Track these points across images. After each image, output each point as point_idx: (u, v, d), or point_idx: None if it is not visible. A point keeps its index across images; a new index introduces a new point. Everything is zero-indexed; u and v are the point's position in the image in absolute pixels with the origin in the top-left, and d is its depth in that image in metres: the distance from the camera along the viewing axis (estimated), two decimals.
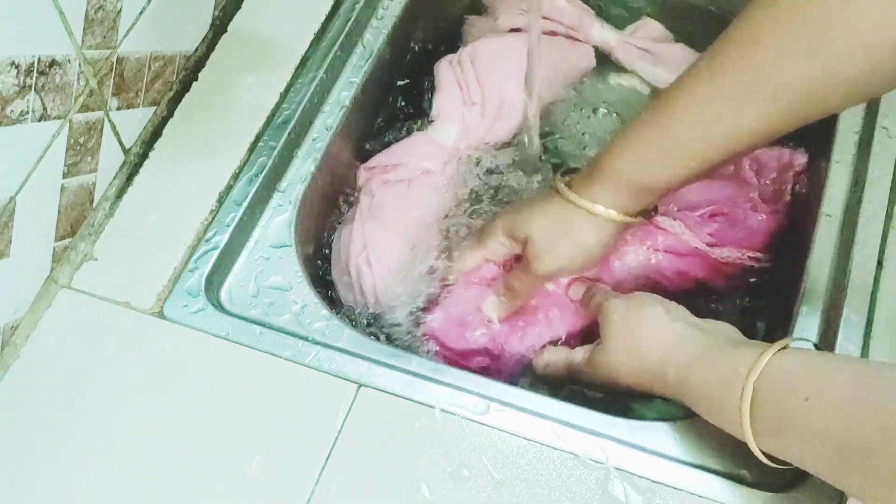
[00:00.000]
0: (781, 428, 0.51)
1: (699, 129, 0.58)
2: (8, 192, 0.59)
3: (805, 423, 0.49)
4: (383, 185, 0.78)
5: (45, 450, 0.60)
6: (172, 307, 0.65)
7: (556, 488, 0.58)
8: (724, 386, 0.54)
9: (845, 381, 0.48)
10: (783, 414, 0.50)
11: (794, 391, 0.50)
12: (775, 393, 0.51)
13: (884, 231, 0.67)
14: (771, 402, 0.51)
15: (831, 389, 0.49)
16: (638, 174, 0.61)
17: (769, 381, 0.51)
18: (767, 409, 0.51)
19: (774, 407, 0.51)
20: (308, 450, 0.59)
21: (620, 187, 0.62)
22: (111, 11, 0.64)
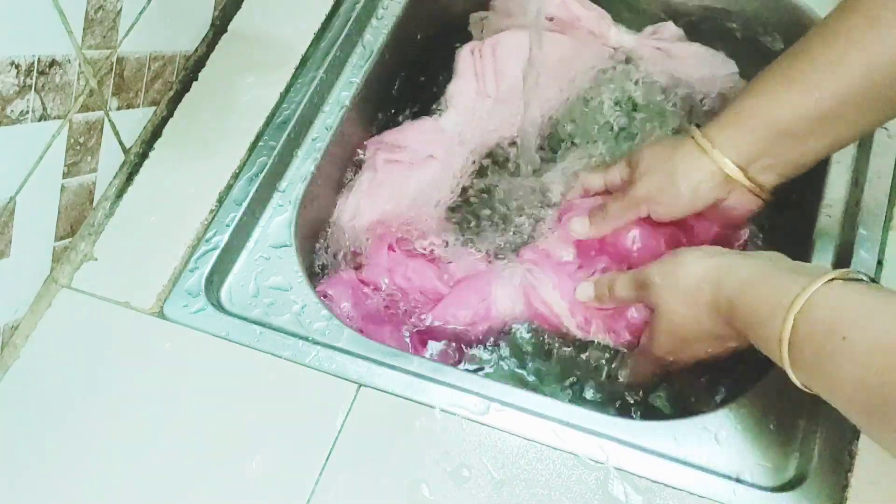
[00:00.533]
0: (818, 366, 0.50)
1: (829, 58, 0.58)
2: (8, 192, 0.59)
3: (840, 364, 0.48)
4: (386, 164, 0.79)
5: (46, 450, 0.60)
6: (172, 307, 0.65)
7: (556, 488, 0.58)
8: (767, 316, 0.53)
9: (884, 323, 0.47)
10: (820, 352, 0.50)
11: (833, 329, 0.49)
12: (815, 329, 0.50)
13: (884, 231, 0.67)
14: (809, 338, 0.50)
15: (868, 330, 0.48)
16: (760, 107, 0.61)
17: (810, 316, 0.51)
18: (806, 345, 0.51)
19: (812, 344, 0.50)
20: (308, 450, 0.59)
21: (741, 126, 0.62)
22: (111, 11, 0.64)
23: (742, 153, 0.63)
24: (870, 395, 0.47)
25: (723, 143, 0.63)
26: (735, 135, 0.63)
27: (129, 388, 0.62)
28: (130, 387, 0.62)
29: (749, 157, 0.63)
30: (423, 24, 0.88)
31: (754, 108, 0.62)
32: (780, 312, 0.52)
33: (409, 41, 0.86)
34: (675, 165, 0.65)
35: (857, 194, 0.69)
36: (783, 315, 0.52)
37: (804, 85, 0.60)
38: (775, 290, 0.54)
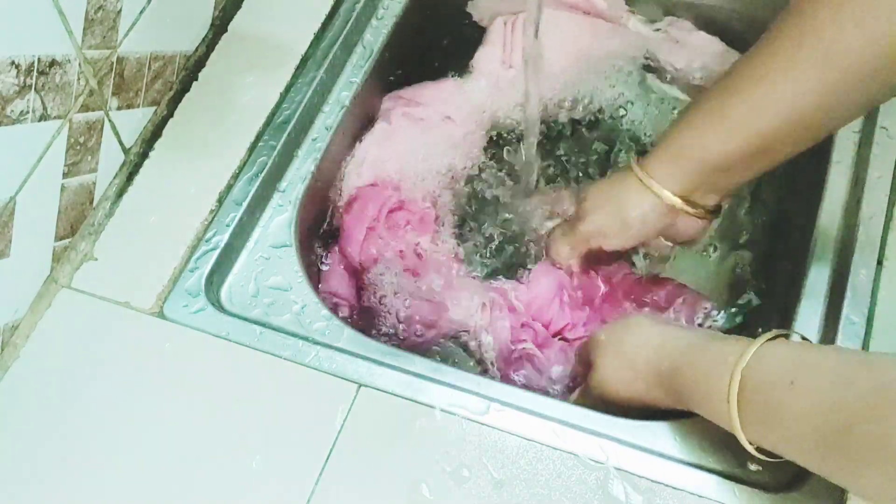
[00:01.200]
0: (768, 415, 0.51)
1: (754, 98, 0.59)
2: (8, 192, 0.59)
3: (789, 407, 0.49)
4: (402, 118, 0.80)
5: (46, 450, 0.60)
6: (172, 307, 0.65)
7: (556, 488, 0.58)
8: (712, 376, 0.54)
9: (830, 365, 0.49)
10: (769, 400, 0.50)
11: (780, 378, 0.50)
12: (762, 380, 0.51)
13: (884, 231, 0.67)
14: (758, 391, 0.51)
15: (816, 372, 0.49)
16: (692, 145, 0.63)
17: (756, 370, 0.52)
18: (755, 398, 0.51)
19: (761, 395, 0.51)
20: (308, 450, 0.59)
21: (676, 161, 0.64)
22: (111, 11, 0.64)
23: (679, 185, 0.66)
24: (823, 433, 0.47)
25: (661, 177, 0.66)
26: (671, 169, 0.65)
27: (129, 388, 0.62)
28: (130, 387, 0.62)
29: (686, 188, 0.66)
30: (424, 24, 0.88)
31: (686, 144, 0.64)
32: (726, 371, 0.53)
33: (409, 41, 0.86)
34: (620, 200, 0.68)
35: (857, 194, 0.69)
36: (729, 372, 0.52)
37: (732, 123, 0.61)
38: (719, 352, 0.55)
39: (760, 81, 0.59)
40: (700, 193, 0.66)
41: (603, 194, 0.70)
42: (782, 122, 0.59)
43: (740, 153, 0.62)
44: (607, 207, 0.69)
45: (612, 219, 0.69)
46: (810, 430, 0.48)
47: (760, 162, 0.63)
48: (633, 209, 0.67)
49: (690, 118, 0.64)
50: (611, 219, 0.69)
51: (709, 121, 0.62)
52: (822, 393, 0.48)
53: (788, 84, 0.57)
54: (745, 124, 0.60)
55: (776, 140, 0.60)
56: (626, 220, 0.68)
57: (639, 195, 0.67)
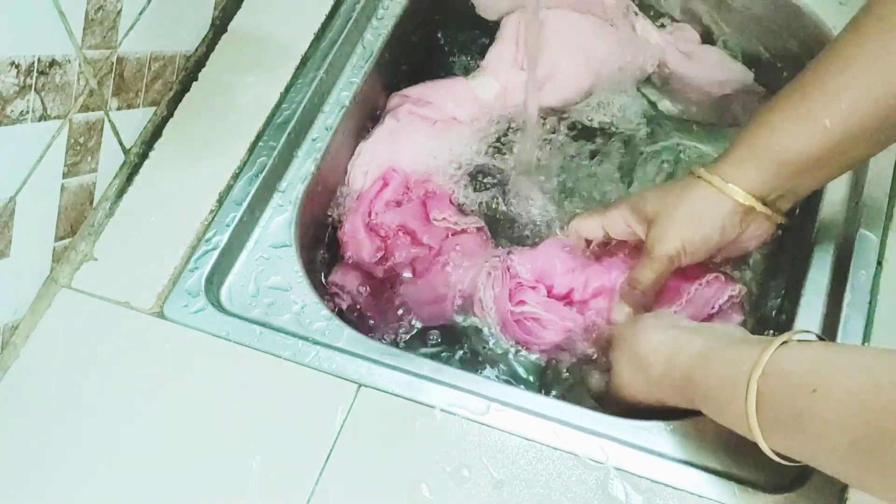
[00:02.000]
0: (791, 424, 0.49)
1: (839, 91, 0.58)
2: (8, 192, 0.59)
3: (816, 416, 0.47)
4: (410, 115, 0.80)
5: (46, 450, 0.60)
6: (172, 307, 0.65)
7: (556, 488, 0.58)
8: (727, 385, 0.53)
9: (856, 370, 0.47)
10: (791, 409, 0.49)
11: (801, 384, 0.48)
12: (781, 388, 0.49)
13: (884, 231, 0.67)
14: (777, 399, 0.50)
15: (841, 379, 0.47)
16: (770, 145, 0.61)
17: (774, 377, 0.50)
18: (775, 407, 0.50)
19: (781, 403, 0.49)
20: (308, 450, 0.59)
21: (753, 163, 0.62)
22: (111, 11, 0.64)
23: (758, 187, 0.63)
24: (854, 438, 0.45)
25: (739, 179, 0.63)
26: (751, 172, 0.63)
27: (129, 388, 0.62)
28: (130, 387, 0.62)
29: (765, 190, 0.63)
30: (424, 24, 0.88)
31: (763, 145, 0.62)
32: (742, 380, 0.51)
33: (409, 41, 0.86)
34: (696, 210, 0.65)
35: (857, 194, 0.69)
36: (745, 382, 0.51)
37: (813, 119, 0.59)
38: (732, 361, 0.53)
39: (843, 73, 0.57)
40: (776, 195, 0.64)
41: (672, 206, 0.66)
42: (865, 115, 0.57)
43: (820, 151, 0.59)
44: (682, 220, 0.65)
45: (691, 231, 0.65)
46: (841, 437, 0.46)
47: (839, 162, 0.61)
48: (711, 218, 0.64)
49: (767, 117, 0.62)
50: (689, 231, 0.65)
51: (788, 118, 0.60)
52: (850, 396, 0.46)
53: (875, 75, 0.56)
54: (827, 119, 0.58)
55: (858, 136, 0.58)
56: (705, 232, 0.65)
57: (717, 202, 0.64)
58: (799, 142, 0.60)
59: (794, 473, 0.58)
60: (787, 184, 0.63)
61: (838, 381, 0.47)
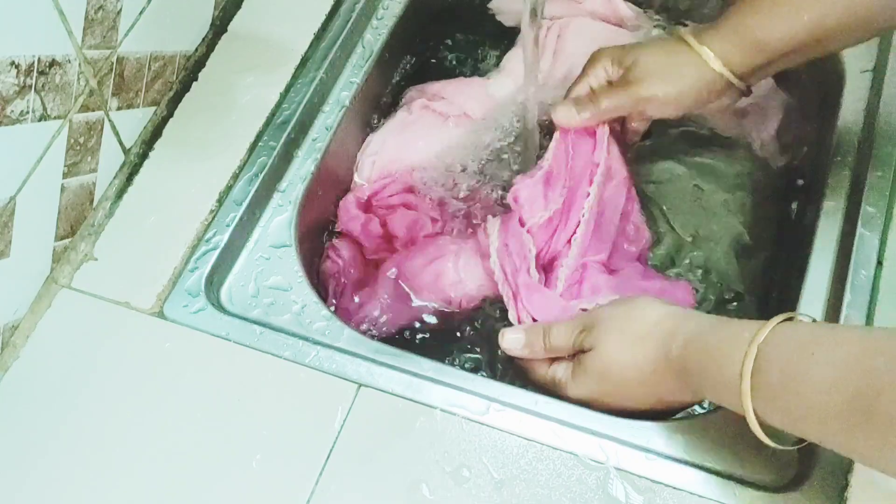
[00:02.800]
0: (785, 388, 0.49)
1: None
2: (8, 192, 0.59)
3: (810, 377, 0.48)
4: (422, 110, 0.80)
5: (46, 450, 0.60)
6: (172, 307, 0.65)
7: (556, 488, 0.58)
8: (725, 352, 0.53)
9: (855, 337, 0.48)
10: (788, 372, 0.49)
11: (800, 348, 0.49)
12: (780, 353, 0.50)
13: (884, 231, 0.67)
14: (774, 362, 0.50)
15: (840, 343, 0.48)
16: (757, 26, 0.65)
17: (774, 344, 0.51)
18: (771, 371, 0.50)
19: (778, 367, 0.50)
20: (308, 450, 0.59)
21: (732, 37, 0.67)
22: (111, 11, 0.64)
23: (737, 63, 0.67)
24: (849, 399, 0.46)
25: (723, 54, 0.67)
26: (732, 47, 0.67)
27: (129, 388, 0.62)
28: (130, 387, 0.62)
29: (743, 66, 0.67)
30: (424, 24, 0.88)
31: (750, 25, 0.66)
32: (741, 346, 0.52)
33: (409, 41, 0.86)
34: (681, 71, 0.68)
35: (858, 194, 0.69)
36: (744, 348, 0.51)
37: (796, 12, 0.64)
38: (733, 329, 0.54)
39: None
40: (747, 73, 0.68)
41: (659, 63, 0.69)
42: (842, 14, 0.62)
43: (802, 38, 0.64)
44: (666, 76, 0.69)
45: (671, 87, 0.68)
46: (833, 400, 0.46)
47: (813, 51, 0.65)
48: (694, 82, 0.68)
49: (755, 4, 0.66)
50: (670, 87, 0.69)
51: (774, 6, 0.64)
52: (847, 360, 0.47)
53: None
54: (813, 10, 0.63)
55: (838, 29, 0.63)
56: (684, 92, 0.68)
57: (700, 68, 0.67)
58: (780, 29, 0.65)
59: (793, 473, 0.58)
60: (763, 63, 0.67)
61: (837, 346, 0.48)
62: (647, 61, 0.69)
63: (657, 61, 0.69)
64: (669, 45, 0.70)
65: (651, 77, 0.69)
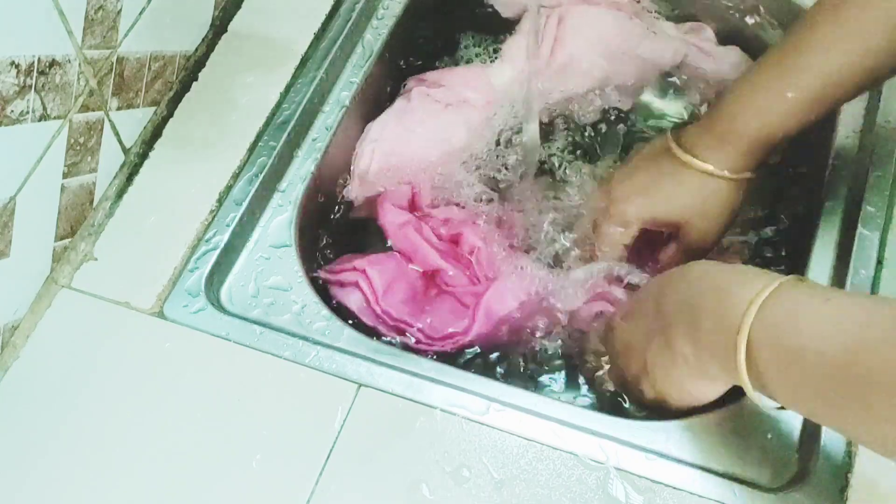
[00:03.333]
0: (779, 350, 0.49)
1: (824, 69, 0.59)
2: (8, 192, 0.59)
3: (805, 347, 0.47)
4: (422, 97, 0.80)
5: (46, 449, 0.60)
6: (172, 307, 0.65)
7: (556, 488, 0.58)
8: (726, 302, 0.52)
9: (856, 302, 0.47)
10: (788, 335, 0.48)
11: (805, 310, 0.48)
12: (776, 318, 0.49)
13: (884, 231, 0.67)
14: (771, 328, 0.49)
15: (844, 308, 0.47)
16: (754, 126, 0.62)
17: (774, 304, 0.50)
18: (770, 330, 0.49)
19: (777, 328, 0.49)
20: (308, 450, 0.59)
21: (735, 143, 0.63)
22: (111, 11, 0.64)
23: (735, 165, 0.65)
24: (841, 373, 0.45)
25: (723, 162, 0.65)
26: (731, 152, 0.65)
27: (129, 388, 0.62)
28: (130, 387, 0.62)
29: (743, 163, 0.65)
30: (424, 24, 0.88)
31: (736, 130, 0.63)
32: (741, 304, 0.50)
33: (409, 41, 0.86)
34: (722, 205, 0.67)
35: (858, 194, 0.69)
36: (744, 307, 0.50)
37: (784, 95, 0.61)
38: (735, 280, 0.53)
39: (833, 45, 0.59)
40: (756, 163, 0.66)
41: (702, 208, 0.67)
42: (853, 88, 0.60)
43: (802, 126, 0.62)
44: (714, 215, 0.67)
45: (723, 220, 0.67)
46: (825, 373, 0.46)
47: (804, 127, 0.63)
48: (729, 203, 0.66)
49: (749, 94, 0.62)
50: (722, 221, 0.67)
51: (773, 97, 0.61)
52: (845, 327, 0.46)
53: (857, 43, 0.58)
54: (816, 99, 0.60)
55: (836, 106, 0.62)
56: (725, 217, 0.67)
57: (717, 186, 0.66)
58: (782, 122, 0.62)
59: (793, 473, 0.58)
60: (766, 156, 0.65)
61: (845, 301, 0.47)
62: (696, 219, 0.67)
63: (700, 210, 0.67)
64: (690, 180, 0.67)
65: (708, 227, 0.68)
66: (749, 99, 0.63)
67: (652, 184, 0.69)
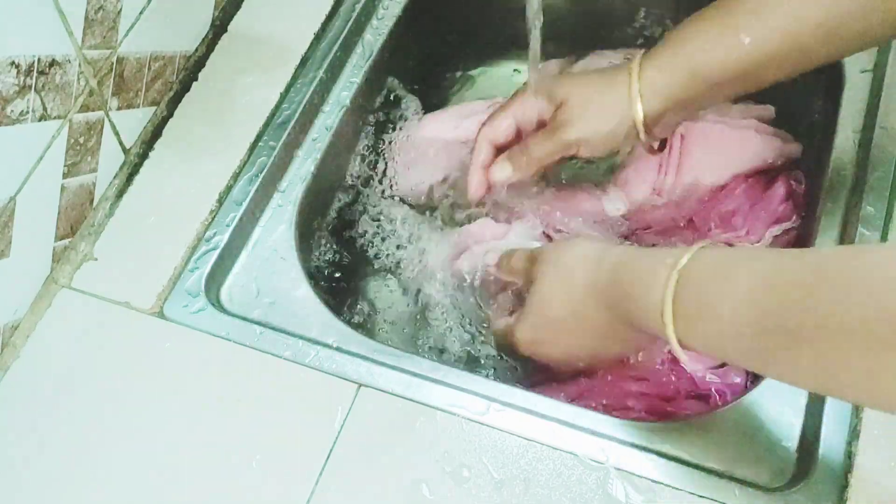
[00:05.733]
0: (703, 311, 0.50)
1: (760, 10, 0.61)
2: (8, 192, 0.59)
3: (726, 299, 0.49)
4: None
5: (46, 449, 0.60)
6: (172, 307, 0.65)
7: (556, 488, 0.58)
8: (649, 279, 0.54)
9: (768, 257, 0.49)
10: (705, 295, 0.51)
11: (718, 269, 0.51)
12: (699, 275, 0.51)
13: (884, 231, 0.67)
14: (693, 287, 0.51)
15: (753, 270, 0.49)
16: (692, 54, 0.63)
17: (693, 268, 0.52)
18: (689, 296, 0.51)
19: (696, 290, 0.51)
20: (308, 450, 0.59)
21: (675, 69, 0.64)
22: (111, 11, 0.64)
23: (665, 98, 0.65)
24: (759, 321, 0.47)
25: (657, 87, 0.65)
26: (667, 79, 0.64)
27: (129, 388, 0.62)
28: (130, 387, 0.62)
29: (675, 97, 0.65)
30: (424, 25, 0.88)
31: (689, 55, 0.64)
32: (664, 270, 0.53)
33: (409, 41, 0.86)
34: (608, 112, 0.66)
35: (858, 194, 0.69)
36: (667, 272, 0.52)
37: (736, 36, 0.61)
38: (656, 257, 0.55)
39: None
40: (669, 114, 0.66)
41: (586, 102, 0.67)
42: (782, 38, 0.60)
43: (735, 68, 0.62)
44: (596, 118, 0.66)
45: (599, 130, 0.66)
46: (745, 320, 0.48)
47: (747, 83, 0.64)
48: (616, 125, 0.66)
49: (694, 28, 0.64)
50: (598, 130, 0.66)
51: (713, 31, 0.62)
52: (757, 280, 0.48)
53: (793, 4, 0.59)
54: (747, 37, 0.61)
55: (772, 58, 0.61)
56: (609, 134, 0.66)
57: (628, 112, 0.65)
58: (718, 56, 0.62)
59: (793, 473, 0.58)
60: (696, 95, 0.65)
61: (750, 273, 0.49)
62: (575, 101, 0.67)
63: (586, 100, 0.67)
64: (607, 77, 0.67)
65: (577, 120, 0.67)
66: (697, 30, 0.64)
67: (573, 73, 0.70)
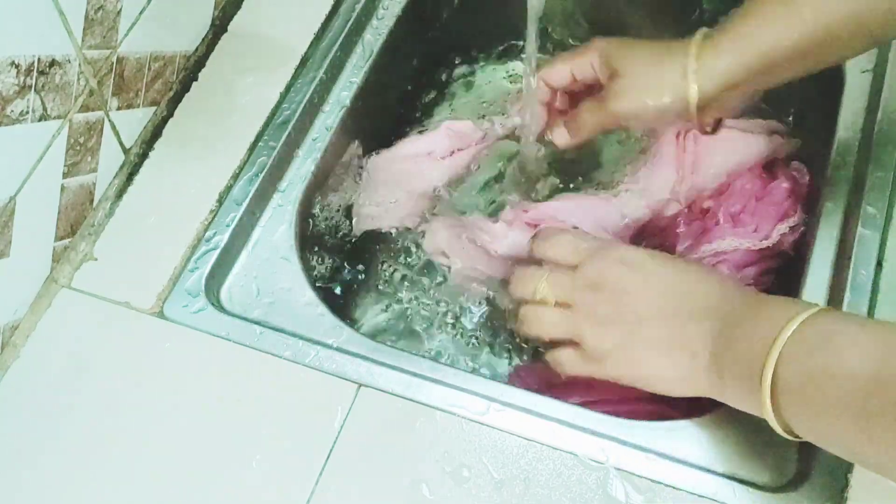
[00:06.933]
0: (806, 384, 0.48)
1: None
2: (8, 192, 0.59)
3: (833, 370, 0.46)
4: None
5: (45, 450, 0.60)
6: (172, 307, 0.65)
7: (556, 488, 0.58)
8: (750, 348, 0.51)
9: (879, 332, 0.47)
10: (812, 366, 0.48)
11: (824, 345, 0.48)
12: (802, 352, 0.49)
13: (884, 231, 0.67)
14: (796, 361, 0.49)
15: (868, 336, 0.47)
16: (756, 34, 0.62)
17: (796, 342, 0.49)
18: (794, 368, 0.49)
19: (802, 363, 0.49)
20: (308, 450, 0.59)
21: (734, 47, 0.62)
22: (111, 11, 0.64)
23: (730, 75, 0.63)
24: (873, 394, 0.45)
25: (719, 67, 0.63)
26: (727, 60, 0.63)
27: (129, 388, 0.62)
28: (130, 387, 0.62)
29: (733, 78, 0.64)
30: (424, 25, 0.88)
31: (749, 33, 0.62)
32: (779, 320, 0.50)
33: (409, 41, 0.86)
34: (663, 86, 0.65)
35: (858, 193, 0.69)
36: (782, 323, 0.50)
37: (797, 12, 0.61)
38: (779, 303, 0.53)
39: None
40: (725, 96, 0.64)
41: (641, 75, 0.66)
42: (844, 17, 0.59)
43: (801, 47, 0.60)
44: (645, 92, 0.65)
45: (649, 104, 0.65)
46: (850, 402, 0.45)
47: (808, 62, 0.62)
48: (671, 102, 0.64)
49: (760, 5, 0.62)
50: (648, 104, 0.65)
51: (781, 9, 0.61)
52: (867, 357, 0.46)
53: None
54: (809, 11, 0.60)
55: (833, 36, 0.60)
56: (661, 110, 0.65)
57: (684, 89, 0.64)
58: (780, 34, 0.61)
59: (793, 473, 0.58)
60: (753, 75, 0.63)
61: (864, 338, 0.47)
62: (631, 72, 0.66)
63: (641, 74, 0.66)
64: (665, 51, 0.66)
65: (630, 92, 0.66)
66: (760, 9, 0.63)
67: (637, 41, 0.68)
